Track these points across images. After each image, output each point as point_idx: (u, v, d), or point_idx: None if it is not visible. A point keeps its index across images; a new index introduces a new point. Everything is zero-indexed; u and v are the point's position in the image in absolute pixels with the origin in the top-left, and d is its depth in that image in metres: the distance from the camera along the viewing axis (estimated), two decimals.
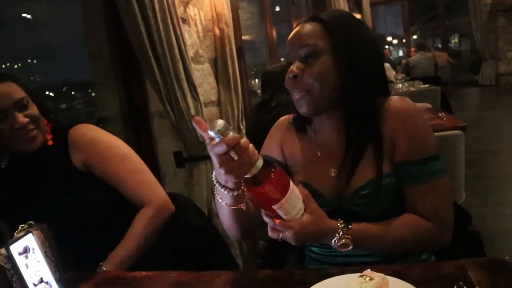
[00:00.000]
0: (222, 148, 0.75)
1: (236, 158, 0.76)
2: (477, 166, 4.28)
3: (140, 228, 1.24)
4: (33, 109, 1.26)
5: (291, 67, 1.00)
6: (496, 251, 2.48)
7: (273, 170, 0.80)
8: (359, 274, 0.77)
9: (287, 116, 1.20)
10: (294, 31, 1.03)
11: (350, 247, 0.91)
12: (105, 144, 1.31)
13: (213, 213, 2.35)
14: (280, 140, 1.16)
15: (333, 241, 0.91)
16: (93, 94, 2.63)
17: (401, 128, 0.97)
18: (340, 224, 0.92)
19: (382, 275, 0.75)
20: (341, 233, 0.91)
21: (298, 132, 1.13)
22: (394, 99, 1.02)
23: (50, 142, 1.30)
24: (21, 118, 1.20)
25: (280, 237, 0.89)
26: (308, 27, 1.00)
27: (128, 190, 1.29)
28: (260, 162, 0.79)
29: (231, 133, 0.75)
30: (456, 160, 2.04)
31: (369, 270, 0.77)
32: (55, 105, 3.26)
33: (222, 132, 0.74)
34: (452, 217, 0.98)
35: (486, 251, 1.14)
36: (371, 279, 0.74)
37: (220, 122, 0.75)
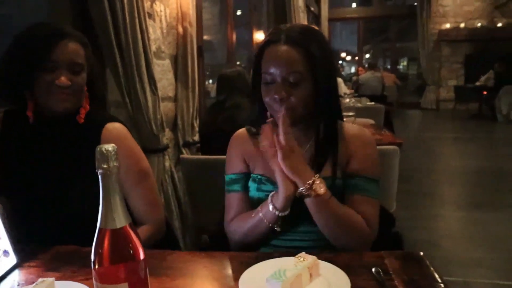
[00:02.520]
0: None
1: None
2: (411, 182, 4.61)
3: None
4: (81, 79, 1.22)
5: (278, 90, 1.11)
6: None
7: None
8: (295, 256, 0.90)
9: (240, 131, 1.32)
10: (278, 53, 1.12)
11: (323, 190, 1.06)
12: (134, 155, 1.29)
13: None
14: (242, 153, 1.26)
15: (310, 180, 1.06)
16: None
17: (358, 150, 1.19)
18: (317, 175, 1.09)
19: (314, 257, 0.88)
20: (318, 178, 1.07)
21: (257, 139, 1.24)
22: (356, 127, 1.25)
23: (81, 120, 1.26)
24: (65, 79, 1.17)
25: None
26: (294, 53, 1.11)
27: (137, 205, 1.28)
28: None
29: None
30: (390, 172, 2.24)
31: (303, 253, 0.90)
32: None
33: None
34: (377, 231, 1.16)
35: None
36: (304, 259, 0.87)
37: None
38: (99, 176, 0.64)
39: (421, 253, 1.01)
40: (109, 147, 0.64)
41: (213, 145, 2.50)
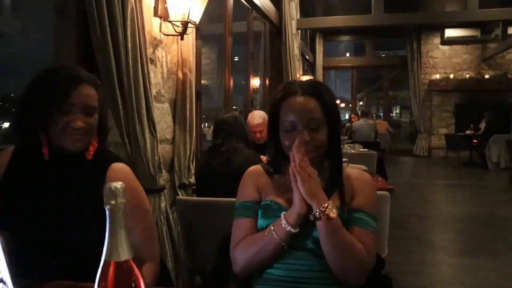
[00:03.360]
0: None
1: None
2: (404, 228, 4.63)
3: (149, 280, 1.27)
4: (94, 120, 1.30)
5: (303, 134, 1.25)
6: None
7: None
8: None
9: (254, 167, 1.44)
10: (298, 103, 1.29)
11: (335, 216, 1.17)
12: (137, 195, 1.35)
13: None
14: (256, 184, 1.37)
15: (325, 204, 1.17)
16: None
17: (360, 188, 1.32)
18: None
19: None
20: (331, 204, 1.18)
21: (272, 176, 1.39)
22: (357, 170, 1.42)
23: (89, 157, 1.33)
24: (80, 121, 1.25)
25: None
26: (312, 102, 1.29)
27: (138, 242, 1.29)
28: None
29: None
30: (381, 217, 2.28)
31: None
32: None
33: None
34: (374, 262, 1.25)
35: None
36: None
37: None
38: (107, 211, 0.69)
39: None
40: (118, 184, 0.69)
41: (209, 187, 2.55)
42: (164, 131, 2.81)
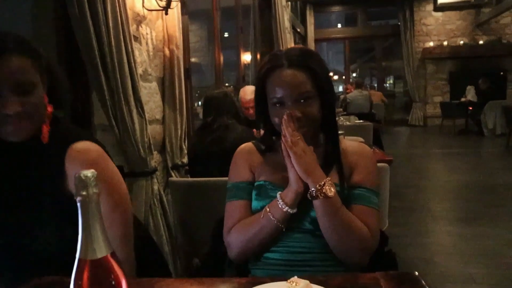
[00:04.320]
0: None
1: None
2: (402, 199, 4.60)
3: None
4: (36, 98, 1.03)
5: (293, 110, 1.16)
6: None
7: None
8: (287, 281, 0.86)
9: (246, 144, 1.34)
10: (285, 78, 1.18)
11: (333, 192, 1.09)
12: (105, 179, 1.08)
13: (150, 229, 2.36)
14: (249, 163, 1.28)
15: (322, 182, 1.09)
16: None
17: (360, 162, 1.23)
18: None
19: (307, 281, 0.85)
20: (328, 181, 1.10)
21: (264, 154, 1.30)
22: (355, 142, 1.33)
23: (45, 140, 1.07)
24: (14, 105, 0.99)
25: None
26: (302, 75, 1.18)
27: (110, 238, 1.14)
28: None
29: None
30: (381, 190, 2.21)
31: (295, 277, 0.86)
32: None
33: None
34: (378, 241, 1.18)
35: None
36: (297, 284, 0.83)
37: None
38: (78, 204, 0.61)
39: (416, 273, 0.98)
40: (89, 173, 0.61)
41: (202, 167, 2.47)
42: (153, 111, 2.71)
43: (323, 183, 1.09)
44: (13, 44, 1.01)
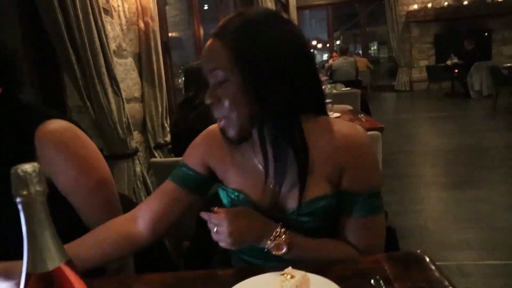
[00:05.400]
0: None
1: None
2: (393, 166, 4.55)
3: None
4: None
5: (207, 94, 0.93)
6: (410, 244, 2.65)
7: None
8: (280, 272, 0.76)
9: (215, 128, 1.06)
10: (204, 50, 0.93)
11: (284, 250, 0.88)
12: (80, 163, 1.01)
13: None
14: (203, 154, 1.05)
15: (269, 240, 0.88)
16: None
17: (352, 160, 0.92)
18: (279, 224, 0.90)
19: (303, 272, 0.75)
20: (279, 232, 0.89)
21: (236, 147, 1.02)
22: (347, 128, 0.95)
23: None
24: None
25: (215, 230, 0.89)
26: (211, 47, 0.91)
27: (94, 215, 1.05)
28: None
29: None
30: None
31: (290, 268, 0.77)
32: None
33: None
34: (383, 248, 0.97)
35: (400, 245, 1.20)
36: (292, 277, 0.74)
37: None
38: (19, 206, 0.49)
39: (419, 251, 0.89)
40: (29, 167, 0.48)
41: (186, 146, 2.35)
42: (130, 89, 2.57)
43: (267, 246, 0.89)
44: None
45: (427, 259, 0.86)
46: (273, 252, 0.89)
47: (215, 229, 0.89)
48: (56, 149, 0.99)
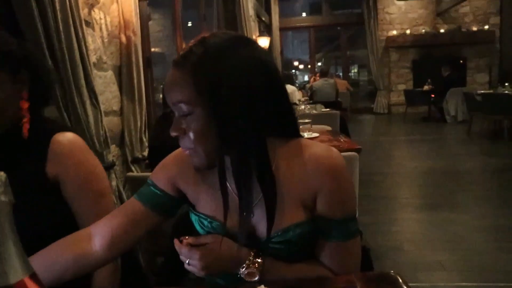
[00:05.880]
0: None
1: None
2: (370, 187, 4.59)
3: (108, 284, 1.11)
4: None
5: (172, 126, 0.89)
6: (385, 265, 2.66)
7: None
8: None
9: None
10: (166, 81, 0.88)
11: (257, 278, 0.87)
12: (85, 172, 1.11)
13: None
14: (174, 175, 1.00)
15: (241, 268, 0.88)
16: None
17: (326, 185, 0.90)
18: (252, 252, 0.89)
19: None
20: (251, 259, 0.88)
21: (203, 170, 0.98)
22: (321, 150, 0.92)
23: (25, 135, 1.06)
24: None
25: (187, 263, 0.88)
26: (173, 79, 0.86)
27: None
28: None
29: None
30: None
31: (262, 286, 0.76)
32: None
33: None
34: (359, 269, 0.95)
35: (375, 266, 1.20)
36: None
37: None
38: None
39: (392, 272, 0.89)
40: None
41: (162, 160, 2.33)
42: (109, 101, 2.54)
43: (247, 264, 0.88)
44: None
45: (400, 280, 0.86)
46: (246, 279, 0.88)
47: (187, 261, 0.88)
48: (67, 157, 1.09)
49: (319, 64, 17.78)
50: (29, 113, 1.09)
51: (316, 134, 3.09)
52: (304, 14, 16.82)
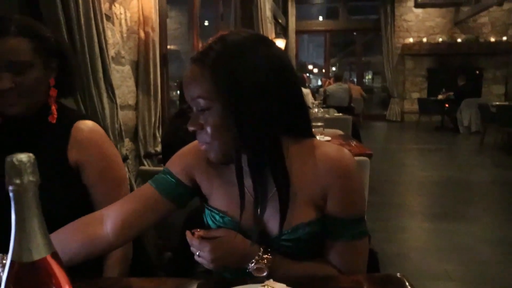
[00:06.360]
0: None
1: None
2: (380, 194, 4.57)
3: (120, 269, 1.15)
4: (29, 79, 1.07)
5: (190, 121, 0.91)
6: (391, 272, 2.65)
7: None
8: (261, 284, 0.77)
9: None
10: (184, 76, 0.91)
11: (265, 273, 0.89)
12: (109, 160, 1.17)
13: None
14: (190, 165, 1.02)
15: (250, 263, 0.89)
16: None
17: (336, 184, 0.91)
18: (261, 248, 0.91)
19: (283, 285, 0.76)
20: (261, 255, 0.90)
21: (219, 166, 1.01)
22: (333, 151, 0.94)
23: (53, 120, 1.12)
24: (5, 82, 1.04)
25: (197, 254, 0.90)
26: (191, 74, 0.88)
27: None
28: None
29: None
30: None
31: (271, 280, 0.77)
32: None
33: None
34: (365, 270, 0.97)
35: (381, 271, 1.21)
36: None
37: None
38: (10, 194, 0.50)
39: (399, 274, 0.91)
40: (24, 157, 0.49)
41: None
42: (125, 96, 2.58)
43: (250, 266, 0.90)
44: (14, 27, 1.06)
45: (407, 283, 0.87)
46: (255, 275, 0.90)
47: (197, 253, 0.90)
48: (88, 144, 1.14)
49: (334, 68, 17.74)
50: (55, 101, 1.15)
51: (328, 138, 3.10)
52: (320, 18, 16.79)
